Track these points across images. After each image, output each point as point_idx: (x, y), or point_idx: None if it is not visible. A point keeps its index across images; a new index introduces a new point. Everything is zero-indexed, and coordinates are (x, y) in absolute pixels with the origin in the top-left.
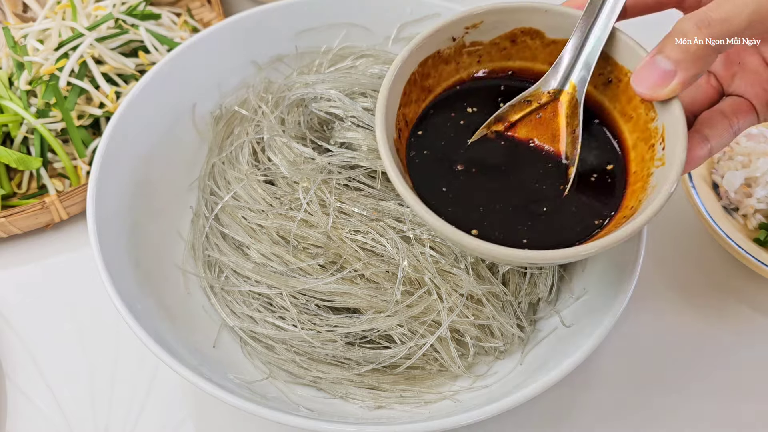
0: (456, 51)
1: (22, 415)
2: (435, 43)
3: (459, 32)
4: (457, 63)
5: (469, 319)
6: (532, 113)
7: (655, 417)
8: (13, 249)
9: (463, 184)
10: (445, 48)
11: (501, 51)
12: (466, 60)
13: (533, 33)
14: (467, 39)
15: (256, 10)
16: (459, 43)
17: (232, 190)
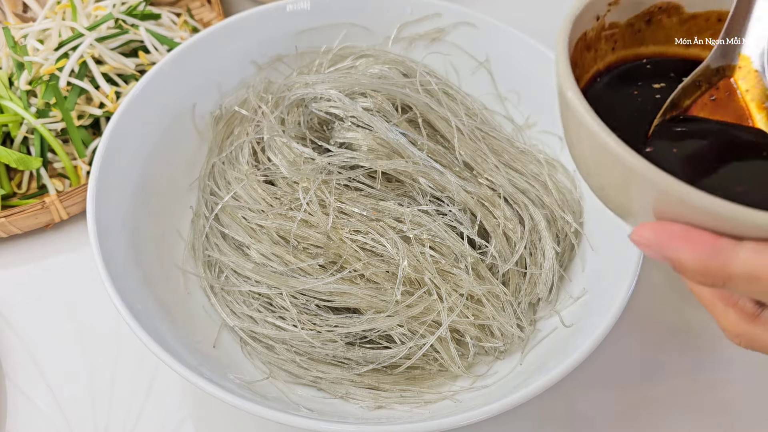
0: (596, 35)
1: (22, 415)
2: (583, 23)
3: (602, 9)
4: (596, 50)
5: (469, 319)
6: (703, 95)
7: (656, 416)
8: (13, 249)
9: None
10: (590, 29)
11: (635, 34)
12: (603, 47)
13: (671, 8)
14: (607, 19)
15: (256, 10)
16: (600, 23)
17: (232, 190)
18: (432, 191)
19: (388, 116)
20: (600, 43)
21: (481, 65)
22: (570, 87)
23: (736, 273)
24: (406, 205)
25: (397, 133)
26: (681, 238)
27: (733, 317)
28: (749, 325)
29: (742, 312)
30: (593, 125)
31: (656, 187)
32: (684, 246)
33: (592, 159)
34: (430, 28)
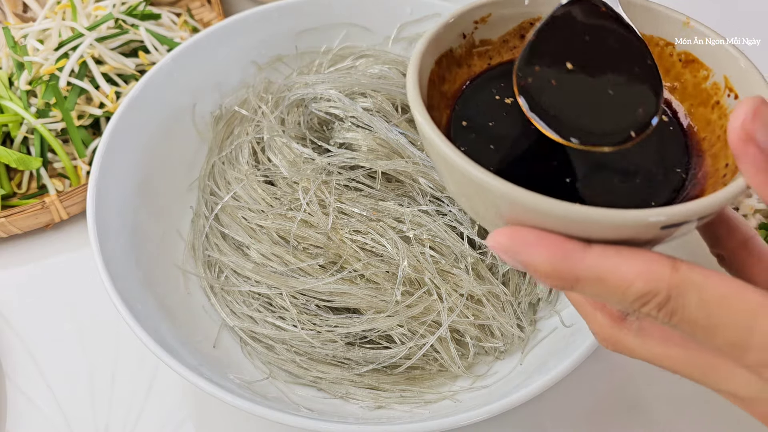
0: (467, 51)
1: (22, 415)
2: (447, 40)
3: (468, 27)
4: (468, 66)
5: (469, 319)
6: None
7: (659, 415)
8: (13, 249)
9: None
10: (457, 47)
11: (511, 50)
12: (477, 63)
13: None
14: (476, 36)
15: (256, 10)
16: (469, 41)
17: (232, 190)
18: (432, 191)
19: (388, 116)
20: (473, 59)
21: None
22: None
23: (584, 276)
24: (406, 205)
25: (397, 133)
26: (533, 243)
27: (601, 320)
28: (614, 328)
29: (609, 315)
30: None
31: (502, 198)
32: (536, 250)
33: (445, 174)
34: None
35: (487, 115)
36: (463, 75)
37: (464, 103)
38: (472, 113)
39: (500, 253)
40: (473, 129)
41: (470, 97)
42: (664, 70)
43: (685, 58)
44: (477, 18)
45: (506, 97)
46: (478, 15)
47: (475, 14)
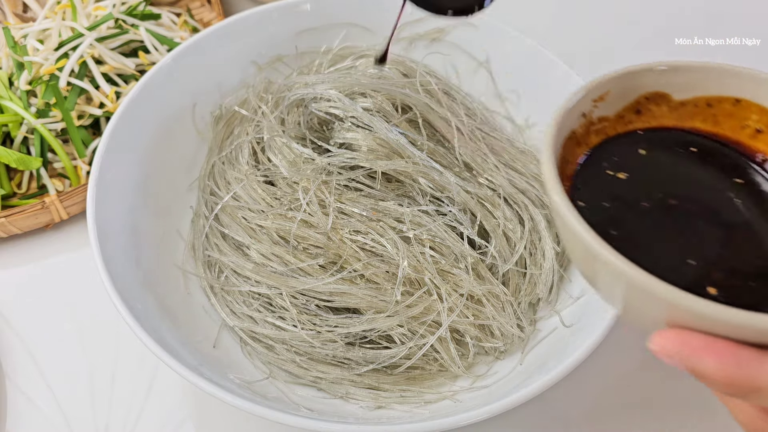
0: (585, 131)
1: (22, 415)
2: (569, 124)
3: (588, 107)
4: (586, 144)
5: (469, 319)
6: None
7: (658, 415)
8: (13, 249)
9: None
10: (578, 127)
11: (626, 124)
12: (593, 140)
13: (659, 97)
14: (595, 115)
15: (256, 10)
16: (588, 120)
17: (232, 190)
18: (432, 191)
19: (388, 116)
20: (590, 137)
21: (481, 65)
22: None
23: (765, 384)
24: (406, 206)
25: (396, 133)
26: (702, 350)
27: (750, 412)
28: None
29: (760, 408)
30: (592, 243)
31: (671, 305)
32: (707, 358)
33: (597, 277)
34: (430, 28)
35: (604, 194)
36: (580, 153)
37: (583, 184)
38: (590, 194)
39: (664, 357)
40: (593, 211)
41: (587, 176)
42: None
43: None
44: (596, 97)
45: (619, 173)
46: (598, 93)
47: (595, 93)
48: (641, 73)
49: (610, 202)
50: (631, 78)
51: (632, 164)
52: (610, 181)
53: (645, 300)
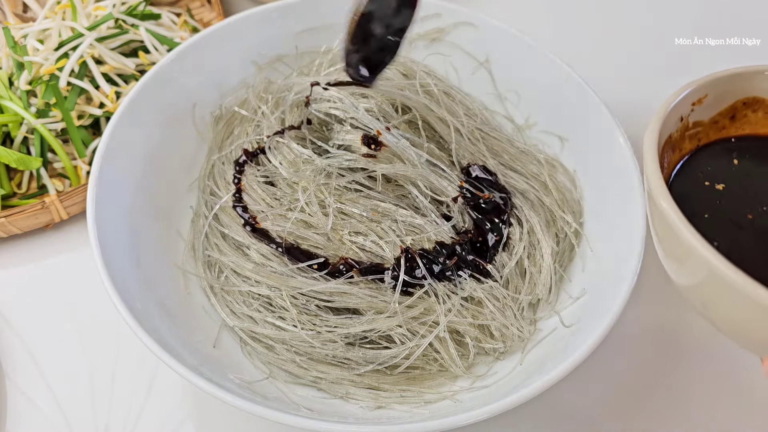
0: (681, 135)
1: (22, 415)
2: (668, 125)
3: (686, 110)
4: (680, 150)
5: (469, 319)
6: None
7: (657, 415)
8: (13, 249)
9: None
10: (675, 131)
11: (719, 130)
12: (687, 146)
13: (756, 103)
14: (691, 119)
15: (256, 10)
16: (684, 124)
17: (231, 190)
18: (432, 194)
19: (388, 117)
20: (684, 143)
21: (481, 65)
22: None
23: None
24: (405, 207)
25: (396, 136)
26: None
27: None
28: None
29: None
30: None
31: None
32: None
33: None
34: (430, 28)
35: (702, 205)
36: (675, 159)
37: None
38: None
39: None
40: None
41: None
42: None
43: None
44: (695, 100)
45: (716, 183)
46: (697, 96)
47: (694, 96)
48: (745, 76)
49: (710, 213)
50: (730, 81)
51: (728, 174)
52: (708, 191)
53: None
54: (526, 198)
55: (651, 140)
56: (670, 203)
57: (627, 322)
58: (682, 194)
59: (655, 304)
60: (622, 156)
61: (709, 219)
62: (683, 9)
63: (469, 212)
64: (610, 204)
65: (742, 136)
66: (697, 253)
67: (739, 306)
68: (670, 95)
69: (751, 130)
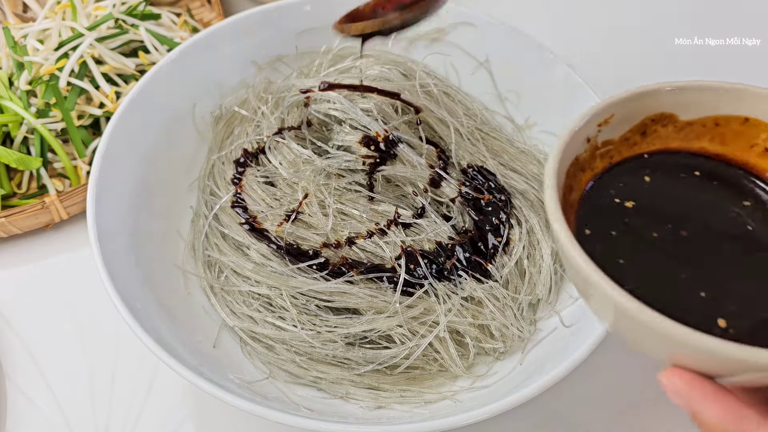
0: (590, 155)
1: (22, 415)
2: (573, 149)
3: (593, 131)
4: (592, 169)
5: (469, 319)
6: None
7: (657, 415)
8: (13, 249)
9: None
10: (582, 152)
11: (631, 146)
12: (599, 164)
13: (665, 118)
14: (599, 138)
15: (256, 10)
16: (592, 144)
17: (231, 190)
18: (432, 196)
19: (388, 118)
20: (595, 161)
21: (481, 65)
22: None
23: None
24: (405, 207)
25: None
26: (712, 399)
27: None
28: None
29: None
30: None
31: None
32: (713, 406)
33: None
34: (430, 28)
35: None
36: (586, 178)
37: (590, 211)
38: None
39: (671, 394)
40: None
41: (594, 203)
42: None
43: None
44: (601, 121)
45: (626, 201)
46: (602, 117)
47: (599, 117)
48: (647, 95)
49: (617, 230)
50: (636, 100)
51: (639, 192)
52: (617, 209)
53: (649, 335)
54: (526, 198)
55: (551, 166)
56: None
57: None
58: (591, 211)
59: None
60: None
61: (615, 236)
62: (683, 9)
63: (469, 212)
64: None
65: (654, 152)
66: (580, 269)
67: (623, 321)
68: (574, 119)
69: (661, 145)
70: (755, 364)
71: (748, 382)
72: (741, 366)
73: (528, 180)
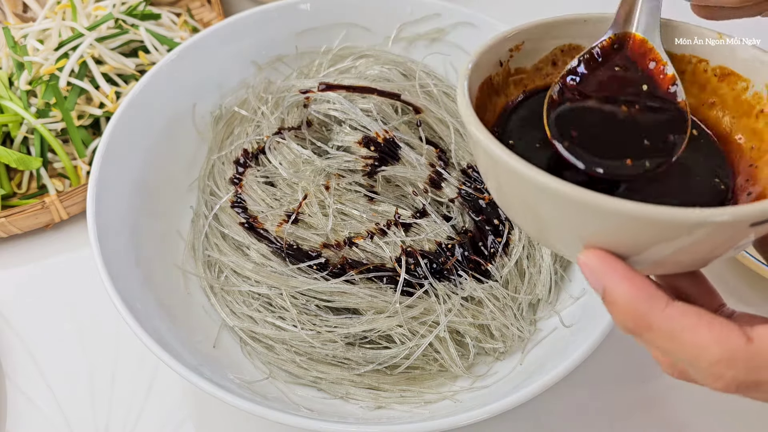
0: (504, 80)
1: (22, 415)
2: (486, 67)
3: (504, 55)
4: (506, 95)
5: (469, 319)
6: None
7: (657, 415)
8: (13, 249)
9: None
10: (495, 74)
11: (544, 77)
12: (513, 91)
13: (573, 50)
14: (512, 65)
15: (256, 10)
16: (505, 69)
17: (231, 191)
18: (432, 196)
19: (387, 118)
20: (509, 88)
21: None
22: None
23: (658, 325)
24: (405, 207)
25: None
26: (621, 275)
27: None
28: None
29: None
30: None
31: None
32: (622, 282)
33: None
34: (430, 28)
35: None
36: (501, 103)
37: (503, 132)
38: (512, 142)
39: (586, 271)
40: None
41: (508, 125)
42: (699, 86)
43: (720, 72)
44: (511, 46)
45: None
46: (512, 43)
47: (509, 43)
48: (559, 24)
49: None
50: (547, 29)
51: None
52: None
53: (568, 213)
54: None
55: (462, 71)
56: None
57: None
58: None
59: None
60: None
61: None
62: (683, 9)
63: (469, 213)
64: None
65: None
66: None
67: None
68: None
69: None
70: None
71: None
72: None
73: None
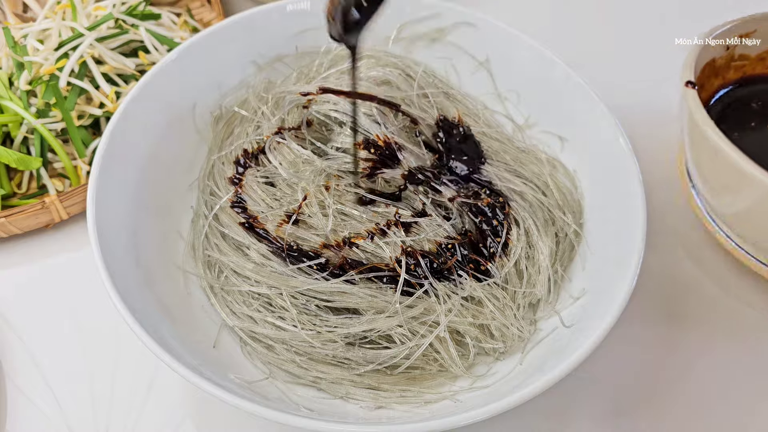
0: (726, 63)
1: (22, 415)
2: (712, 50)
3: (733, 40)
4: (723, 77)
5: (469, 319)
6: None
7: (656, 415)
8: (13, 249)
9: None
10: (720, 57)
11: (766, 68)
12: (731, 76)
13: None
14: (737, 51)
15: (256, 10)
16: (730, 54)
17: (231, 191)
18: (432, 197)
19: (387, 122)
20: (729, 72)
21: (481, 65)
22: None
23: None
24: (405, 207)
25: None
26: None
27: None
28: None
29: None
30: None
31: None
32: None
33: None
34: (430, 28)
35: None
36: (716, 84)
37: (720, 115)
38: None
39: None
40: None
41: (725, 108)
42: None
43: None
44: (743, 32)
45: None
46: (744, 30)
47: (742, 28)
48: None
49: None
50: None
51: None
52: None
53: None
54: (524, 199)
55: (690, 55)
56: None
57: (627, 321)
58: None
59: (656, 303)
60: (623, 156)
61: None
62: (684, 9)
63: (469, 213)
64: (610, 204)
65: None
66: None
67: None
68: (717, 25)
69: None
70: None
71: None
72: None
73: (527, 181)
